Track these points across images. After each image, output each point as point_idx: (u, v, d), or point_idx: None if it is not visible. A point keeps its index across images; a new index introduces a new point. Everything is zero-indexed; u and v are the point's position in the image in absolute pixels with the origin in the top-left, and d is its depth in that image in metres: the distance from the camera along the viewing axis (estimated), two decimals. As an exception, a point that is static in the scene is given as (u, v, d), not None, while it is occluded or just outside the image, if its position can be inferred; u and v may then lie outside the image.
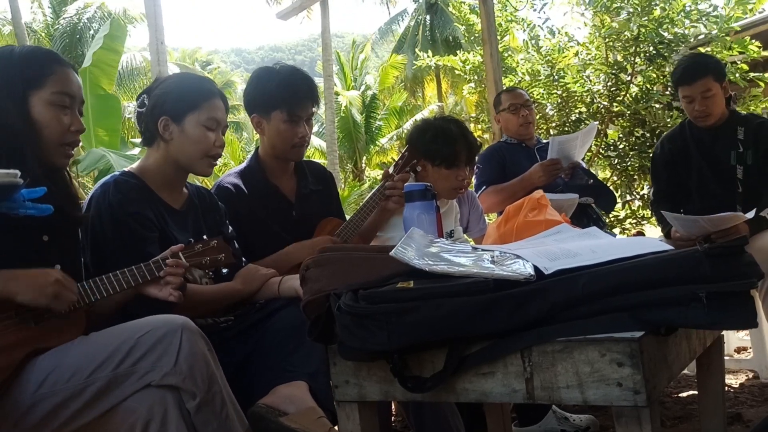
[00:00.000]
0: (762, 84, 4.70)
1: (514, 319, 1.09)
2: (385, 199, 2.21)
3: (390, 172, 2.27)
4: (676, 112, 4.78)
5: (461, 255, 1.26)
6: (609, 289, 1.07)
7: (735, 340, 3.34)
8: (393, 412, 2.46)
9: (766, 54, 4.69)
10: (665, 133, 3.22)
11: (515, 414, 2.41)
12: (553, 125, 5.26)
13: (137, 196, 1.78)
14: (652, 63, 4.90)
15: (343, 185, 18.08)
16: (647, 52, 4.90)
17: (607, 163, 5.28)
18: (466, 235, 2.71)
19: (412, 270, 1.20)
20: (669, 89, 4.86)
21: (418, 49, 17.76)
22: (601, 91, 5.06)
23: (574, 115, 5.16)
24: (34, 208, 1.30)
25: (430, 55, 6.47)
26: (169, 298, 1.52)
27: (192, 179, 2.03)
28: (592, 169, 5.11)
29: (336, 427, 1.45)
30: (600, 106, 5.09)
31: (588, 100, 5.11)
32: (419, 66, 6.69)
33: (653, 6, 4.81)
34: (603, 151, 5.23)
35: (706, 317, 1.03)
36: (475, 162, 2.69)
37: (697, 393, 1.74)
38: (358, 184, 18.56)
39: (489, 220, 3.22)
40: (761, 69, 5.05)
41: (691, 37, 4.90)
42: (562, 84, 5.12)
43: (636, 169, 5.06)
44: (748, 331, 3.09)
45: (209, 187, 2.17)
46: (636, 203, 5.38)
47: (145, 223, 1.75)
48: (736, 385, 2.80)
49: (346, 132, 21.58)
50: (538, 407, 2.37)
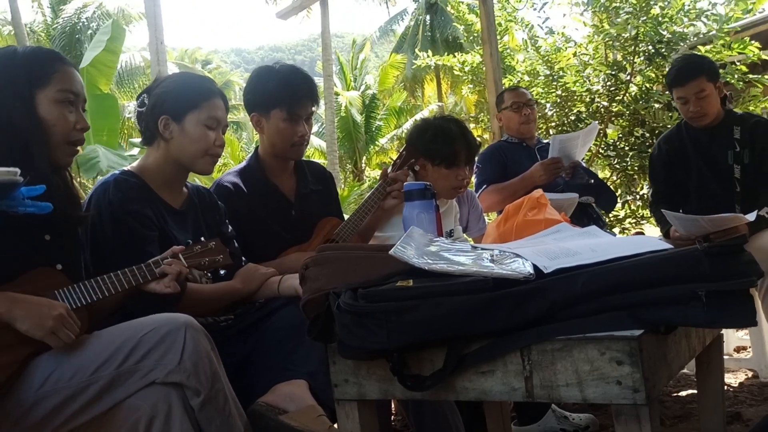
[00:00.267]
0: (760, 86, 4.70)
1: (513, 317, 1.09)
2: (385, 196, 2.21)
3: (388, 172, 2.27)
4: (675, 112, 4.78)
5: (461, 254, 1.26)
6: (608, 288, 1.08)
7: (734, 340, 3.34)
8: (392, 411, 2.46)
9: (765, 55, 4.69)
10: (662, 133, 3.22)
11: (515, 413, 2.41)
12: (552, 125, 5.26)
13: (137, 195, 1.78)
14: (651, 62, 4.90)
15: (342, 185, 18.07)
16: (646, 52, 4.90)
17: (606, 163, 5.28)
18: (465, 235, 2.71)
19: (411, 269, 1.20)
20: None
21: (418, 49, 17.77)
22: (601, 90, 5.06)
23: (573, 114, 5.16)
24: (34, 205, 1.30)
25: (429, 55, 6.47)
26: (166, 290, 1.52)
27: (191, 178, 2.03)
28: (592, 169, 5.11)
29: (335, 425, 1.45)
30: (599, 105, 5.09)
31: (587, 99, 5.11)
32: (419, 66, 6.68)
33: (652, 5, 4.81)
34: (602, 151, 5.23)
35: (706, 316, 1.03)
36: (475, 161, 2.69)
37: (696, 392, 1.74)
38: (357, 184, 18.55)
39: (488, 219, 3.22)
40: (760, 70, 5.04)
41: (691, 35, 4.90)
42: (561, 84, 5.12)
43: (635, 169, 5.06)
44: (747, 331, 3.09)
45: (208, 186, 2.17)
46: (636, 203, 5.38)
47: (145, 222, 1.75)
48: (735, 385, 2.80)
49: (345, 132, 21.58)
50: (538, 406, 2.37)
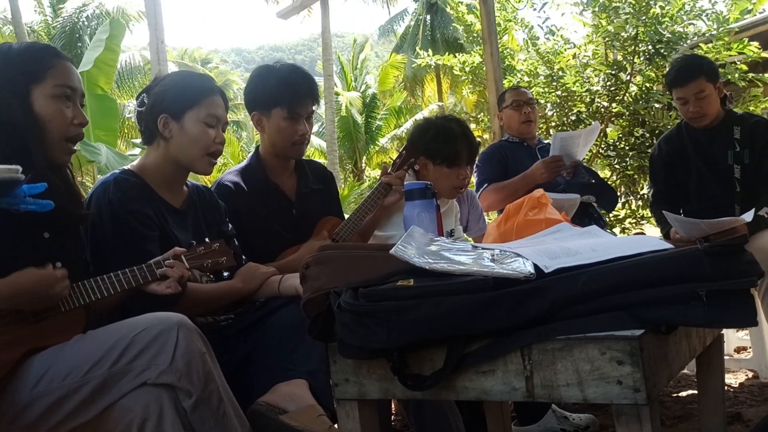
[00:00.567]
0: (761, 84, 4.70)
1: (513, 317, 1.09)
2: (385, 194, 2.21)
3: (388, 171, 2.27)
4: (675, 112, 4.78)
5: (461, 253, 1.26)
6: (609, 288, 1.07)
7: (735, 340, 3.34)
8: (393, 411, 2.46)
9: (765, 55, 4.69)
10: (662, 134, 3.22)
11: (515, 413, 2.41)
12: (552, 125, 5.26)
13: (137, 194, 1.77)
14: (651, 62, 4.90)
15: (343, 185, 18.07)
16: (647, 52, 4.90)
17: (606, 163, 5.28)
18: (465, 235, 2.71)
19: (412, 268, 1.20)
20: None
21: (419, 48, 17.75)
22: (601, 91, 5.06)
23: (574, 114, 5.15)
24: (35, 203, 1.30)
25: (430, 54, 6.46)
26: (166, 291, 1.52)
27: (192, 177, 2.03)
28: (593, 169, 5.11)
29: (336, 425, 1.45)
30: (599, 106, 5.08)
31: (587, 100, 5.11)
32: (419, 65, 6.68)
33: (651, 5, 4.80)
34: (603, 151, 5.22)
35: (706, 316, 1.03)
36: (476, 161, 2.69)
37: (696, 392, 1.74)
38: (358, 183, 18.55)
39: (489, 219, 3.22)
40: (761, 70, 5.04)
41: (691, 35, 4.90)
42: (561, 84, 5.12)
43: (636, 169, 5.06)
44: (747, 331, 3.09)
45: (209, 185, 2.17)
46: (636, 203, 5.38)
47: (145, 222, 1.75)
48: (735, 385, 2.80)
49: (346, 132, 21.58)
50: (538, 406, 2.37)
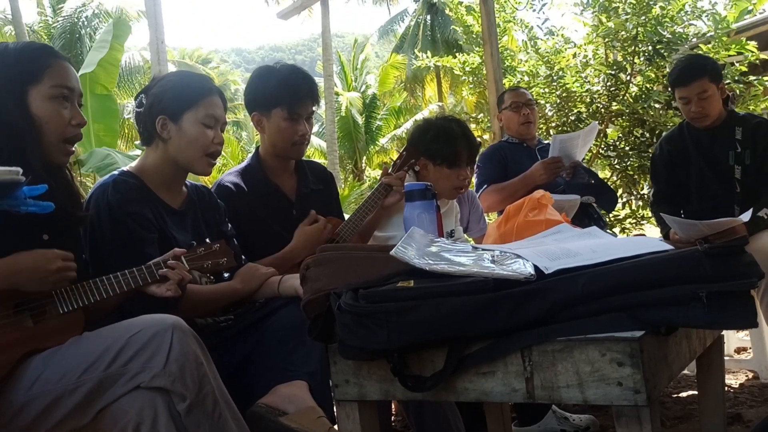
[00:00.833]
0: (761, 87, 4.70)
1: (514, 318, 1.09)
2: (386, 194, 2.21)
3: (389, 172, 2.27)
4: (672, 111, 4.79)
5: (461, 254, 1.26)
6: (609, 289, 1.07)
7: (735, 341, 3.34)
8: (393, 412, 2.46)
9: (764, 56, 4.69)
10: (664, 133, 3.22)
11: (515, 414, 2.41)
12: (552, 125, 5.26)
13: (136, 195, 1.77)
14: (651, 63, 4.90)
15: (343, 185, 18.08)
16: (646, 52, 4.90)
17: (606, 163, 5.28)
18: (466, 235, 2.71)
19: (412, 269, 1.20)
20: (669, 89, 4.85)
21: (418, 49, 17.73)
22: (601, 91, 5.06)
23: (574, 115, 5.15)
24: (36, 205, 1.30)
25: (429, 56, 6.46)
26: (166, 294, 1.51)
27: (193, 178, 2.02)
28: (592, 170, 5.11)
29: (335, 426, 1.45)
30: (599, 106, 5.09)
31: (587, 100, 5.11)
32: (419, 66, 6.68)
33: (651, 5, 4.81)
34: (603, 151, 5.22)
35: (706, 317, 1.03)
36: (476, 162, 2.68)
37: (697, 393, 1.74)
38: (358, 183, 18.55)
39: (489, 219, 3.22)
40: (761, 70, 5.04)
41: (691, 36, 4.90)
42: (561, 84, 5.12)
43: (636, 169, 5.06)
44: (748, 332, 3.09)
45: (209, 186, 2.17)
46: (636, 203, 5.38)
47: (144, 224, 1.74)
48: (736, 386, 2.80)
49: (346, 132, 21.58)
50: (538, 407, 2.37)
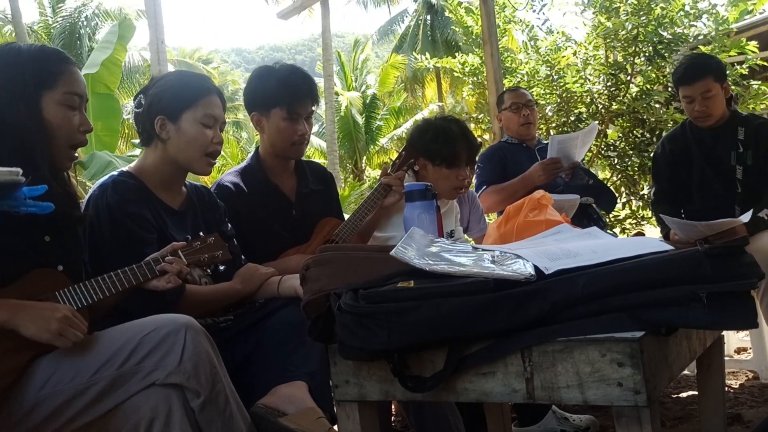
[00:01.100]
0: (762, 88, 4.70)
1: (514, 318, 1.09)
2: (385, 194, 2.20)
3: (388, 172, 2.26)
4: (671, 108, 4.79)
5: (461, 255, 1.26)
6: (609, 289, 1.07)
7: (735, 341, 3.34)
8: (393, 412, 2.46)
9: (764, 56, 4.69)
10: (666, 132, 3.22)
11: (515, 414, 2.41)
12: (552, 125, 5.26)
13: (135, 196, 1.77)
14: (651, 63, 4.90)
15: (343, 185, 18.08)
16: (647, 52, 4.90)
17: (607, 163, 5.28)
18: (466, 236, 2.71)
19: (412, 269, 1.20)
20: (669, 88, 4.86)
21: (419, 49, 17.75)
22: (601, 90, 5.06)
23: (574, 115, 5.16)
24: (36, 205, 1.30)
25: (428, 57, 6.47)
26: (167, 286, 1.51)
27: (192, 178, 2.02)
28: (592, 170, 5.11)
29: (335, 427, 1.44)
30: (600, 106, 5.09)
31: (588, 100, 5.11)
32: (419, 66, 6.69)
33: (652, 6, 4.81)
34: (603, 151, 5.23)
35: (706, 317, 1.03)
36: (476, 162, 2.68)
37: (697, 393, 1.74)
38: (358, 184, 18.55)
39: (489, 220, 3.22)
40: (761, 71, 5.05)
41: (691, 37, 4.90)
42: (561, 84, 5.12)
43: (636, 169, 5.06)
44: (748, 332, 3.09)
45: (209, 186, 2.17)
46: (636, 203, 5.37)
47: (143, 224, 1.74)
48: (736, 386, 2.80)
49: (346, 132, 21.58)
50: (538, 407, 2.37)
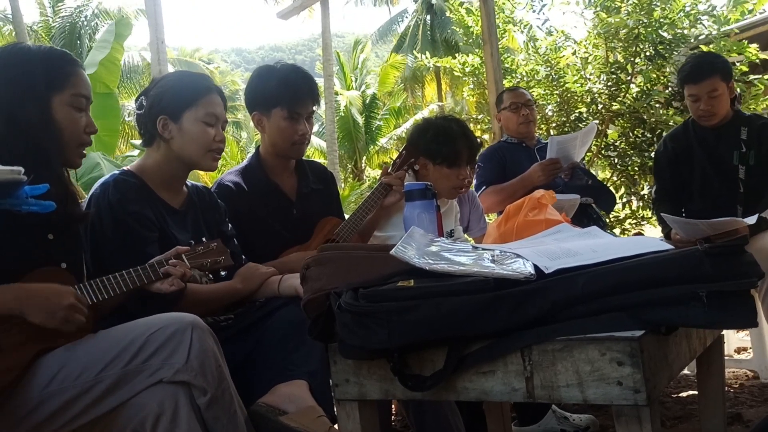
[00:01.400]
0: (761, 86, 4.70)
1: (514, 318, 1.09)
2: (385, 194, 2.20)
3: (388, 171, 2.27)
4: (672, 109, 4.79)
5: (461, 254, 1.26)
6: (609, 289, 1.07)
7: (735, 340, 3.34)
8: (393, 411, 2.46)
9: (765, 56, 4.69)
10: (668, 131, 3.22)
11: (515, 413, 2.41)
12: (553, 125, 5.26)
13: (136, 195, 1.77)
14: (652, 63, 4.90)
15: (343, 185, 18.07)
16: (647, 52, 4.90)
17: (607, 162, 5.28)
18: (466, 235, 2.71)
19: (412, 269, 1.20)
20: (670, 88, 4.86)
21: (418, 49, 17.74)
22: (602, 90, 5.06)
23: (574, 114, 5.15)
24: (37, 204, 1.30)
25: (428, 57, 6.47)
26: (171, 289, 1.53)
27: (194, 177, 2.03)
28: (592, 170, 5.11)
29: (336, 425, 1.45)
30: (600, 106, 5.09)
31: (588, 100, 5.11)
32: (419, 66, 6.71)
33: (654, 7, 4.81)
34: (603, 151, 5.23)
35: (706, 316, 1.03)
36: (476, 161, 2.68)
37: (697, 393, 1.74)
38: (358, 183, 18.55)
39: (489, 219, 3.22)
40: (761, 70, 5.04)
41: (691, 37, 4.90)
42: (561, 84, 5.12)
43: (636, 169, 5.06)
44: (748, 331, 3.09)
45: (209, 185, 2.17)
46: (636, 203, 5.37)
47: (145, 223, 1.75)
48: (736, 385, 2.80)
49: (346, 132, 21.56)
50: (538, 407, 2.37)
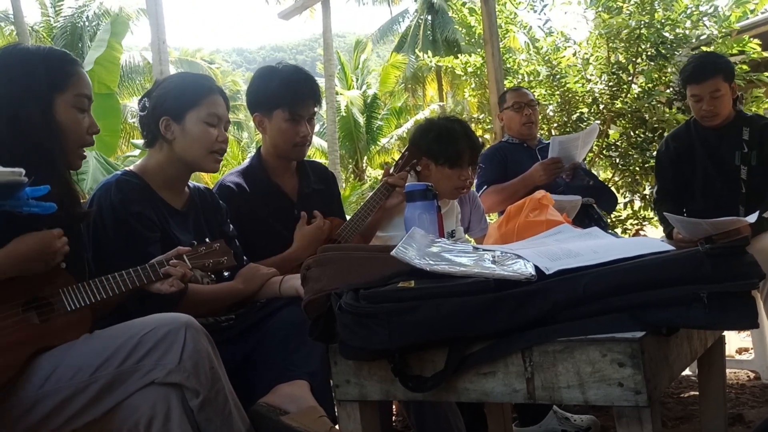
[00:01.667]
0: (763, 81, 4.69)
1: (514, 318, 1.09)
2: (387, 195, 2.20)
3: (390, 172, 2.27)
4: (674, 109, 4.78)
5: (462, 255, 1.26)
6: (610, 290, 1.07)
7: (736, 341, 3.34)
8: (394, 412, 2.46)
9: (766, 54, 4.69)
10: (670, 131, 3.21)
11: (516, 414, 2.41)
12: (554, 126, 5.26)
13: (138, 196, 1.78)
14: (653, 62, 4.89)
15: (344, 185, 18.07)
16: (649, 52, 4.90)
17: (608, 162, 5.27)
18: (467, 236, 2.71)
19: (413, 270, 1.20)
20: (671, 88, 4.86)
21: (419, 49, 17.71)
22: (603, 90, 5.06)
23: (576, 115, 5.15)
24: (38, 206, 1.31)
25: (430, 56, 6.47)
26: (170, 290, 1.53)
27: (196, 178, 2.03)
28: (594, 170, 5.11)
29: (336, 426, 1.45)
30: (601, 106, 5.08)
31: (589, 100, 5.11)
32: (420, 66, 6.72)
33: (655, 7, 4.80)
34: (605, 151, 5.22)
35: (707, 317, 1.03)
36: (478, 162, 2.68)
37: (698, 394, 1.74)
38: (359, 183, 18.54)
39: (490, 220, 3.22)
40: (762, 69, 5.04)
41: (693, 38, 4.90)
42: (562, 84, 5.11)
43: (638, 169, 5.05)
44: (749, 332, 3.09)
45: (210, 186, 2.18)
46: (637, 204, 5.37)
47: (147, 223, 1.75)
48: (737, 386, 2.79)
49: (347, 132, 21.55)
50: (539, 407, 2.37)
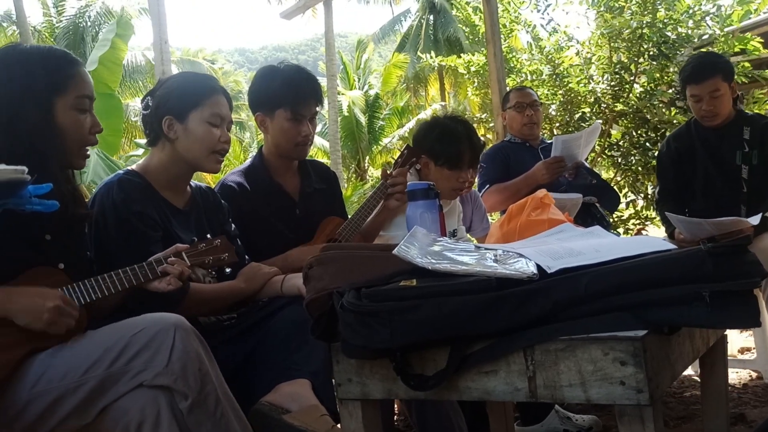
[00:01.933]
0: (765, 78, 4.68)
1: (516, 317, 1.09)
2: (387, 198, 2.21)
3: (389, 172, 2.26)
4: (676, 109, 4.78)
5: (464, 253, 1.26)
6: (612, 288, 1.07)
7: (739, 340, 3.34)
8: (395, 411, 2.46)
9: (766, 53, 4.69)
10: (671, 131, 3.21)
11: (518, 413, 2.41)
12: (556, 125, 5.26)
13: (140, 195, 1.78)
14: (656, 62, 4.89)
15: (346, 185, 18.07)
16: (651, 52, 4.90)
17: (610, 162, 5.27)
18: (469, 235, 2.71)
19: (415, 268, 1.20)
20: (673, 88, 4.85)
21: (420, 49, 17.73)
22: (605, 90, 5.06)
23: (578, 114, 5.15)
24: (41, 204, 1.30)
25: (432, 56, 6.47)
26: (168, 288, 1.51)
27: (197, 177, 2.03)
28: (596, 169, 5.10)
29: (338, 425, 1.45)
30: (603, 105, 5.08)
31: (591, 100, 5.11)
32: (422, 66, 6.73)
33: (657, 7, 4.80)
34: (607, 151, 5.22)
35: (709, 316, 1.03)
36: (479, 163, 2.68)
37: (700, 393, 1.74)
38: (361, 183, 18.55)
39: (492, 219, 3.22)
40: (764, 68, 5.03)
41: (695, 37, 4.89)
42: (565, 84, 5.11)
43: (640, 169, 5.05)
44: (751, 331, 3.09)
45: (212, 185, 2.18)
46: (639, 203, 5.36)
47: (149, 223, 1.75)
48: (739, 386, 2.79)
49: (348, 132, 21.55)
50: (541, 406, 2.37)
